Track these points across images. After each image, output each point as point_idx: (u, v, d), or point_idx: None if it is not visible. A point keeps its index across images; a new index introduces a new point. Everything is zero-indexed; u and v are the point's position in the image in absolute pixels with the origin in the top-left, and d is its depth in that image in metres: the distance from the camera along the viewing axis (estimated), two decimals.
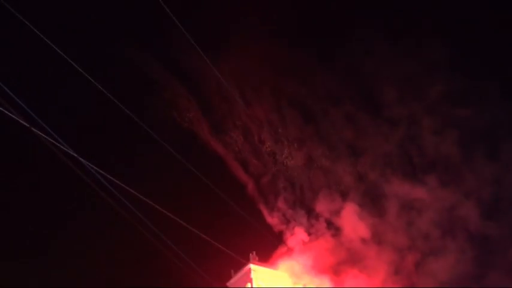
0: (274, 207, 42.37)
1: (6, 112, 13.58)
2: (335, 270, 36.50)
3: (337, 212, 38.78)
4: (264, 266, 38.09)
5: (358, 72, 46.21)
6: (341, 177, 40.78)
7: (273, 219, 41.64)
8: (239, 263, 38.26)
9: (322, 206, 40.92)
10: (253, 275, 36.84)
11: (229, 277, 39.07)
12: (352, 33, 47.40)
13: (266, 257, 39.91)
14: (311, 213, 41.93)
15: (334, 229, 39.08)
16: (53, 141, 15.79)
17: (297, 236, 39.89)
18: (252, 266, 37.19)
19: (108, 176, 19.06)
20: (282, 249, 41.22)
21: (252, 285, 36.32)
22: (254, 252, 38.89)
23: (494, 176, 34.80)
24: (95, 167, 18.23)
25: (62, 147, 16.15)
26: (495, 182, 34.52)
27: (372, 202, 38.79)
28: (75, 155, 16.54)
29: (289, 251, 41.33)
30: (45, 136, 15.44)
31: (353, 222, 37.30)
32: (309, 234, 40.16)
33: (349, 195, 38.85)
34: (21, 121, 14.10)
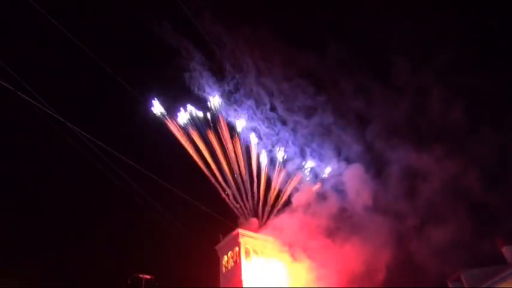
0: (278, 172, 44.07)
1: None
2: (328, 235, 37.51)
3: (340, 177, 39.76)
4: (252, 231, 39.53)
5: (369, 42, 46.85)
6: (348, 144, 41.93)
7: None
8: (228, 228, 39.90)
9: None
10: (241, 239, 38.31)
11: (218, 241, 40.82)
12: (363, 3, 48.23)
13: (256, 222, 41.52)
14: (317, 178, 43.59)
15: (331, 195, 40.38)
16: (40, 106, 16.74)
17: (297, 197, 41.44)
18: (240, 230, 38.70)
19: (100, 143, 20.06)
20: (271, 215, 43.00)
21: (239, 248, 37.76)
22: (242, 218, 40.52)
23: (499, 145, 34.53)
24: (86, 134, 19.30)
25: (49, 111, 17.10)
26: (500, 150, 34.16)
27: (377, 169, 39.80)
28: (59, 118, 17.49)
29: (279, 216, 42.92)
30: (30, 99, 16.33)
31: (355, 186, 38.06)
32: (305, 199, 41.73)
33: (354, 160, 39.68)
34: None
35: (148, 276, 30.56)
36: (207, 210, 31.93)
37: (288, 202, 43.32)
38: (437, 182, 35.02)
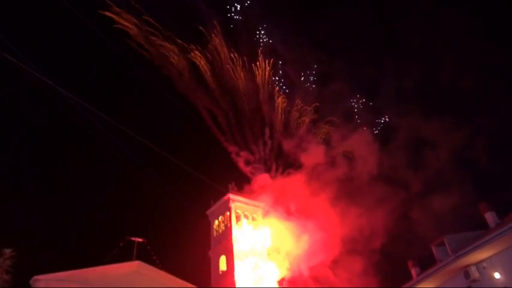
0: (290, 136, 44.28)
1: None
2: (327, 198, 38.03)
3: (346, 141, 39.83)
4: (243, 196, 40.06)
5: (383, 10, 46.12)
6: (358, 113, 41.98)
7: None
8: (219, 193, 40.35)
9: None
10: (231, 204, 38.85)
11: (209, 206, 41.37)
12: None
13: (246, 188, 42.05)
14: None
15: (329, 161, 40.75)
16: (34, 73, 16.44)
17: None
18: (230, 195, 39.17)
19: (94, 109, 19.84)
20: (261, 181, 43.45)
21: (230, 213, 38.35)
22: (233, 183, 40.92)
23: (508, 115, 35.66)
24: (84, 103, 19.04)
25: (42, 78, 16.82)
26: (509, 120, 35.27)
27: (384, 137, 40.02)
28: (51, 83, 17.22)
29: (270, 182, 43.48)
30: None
31: (362, 151, 38.21)
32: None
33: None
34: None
35: (140, 239, 31.10)
36: (198, 175, 32.16)
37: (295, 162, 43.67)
38: (442, 151, 35.22)
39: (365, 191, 37.33)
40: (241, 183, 41.69)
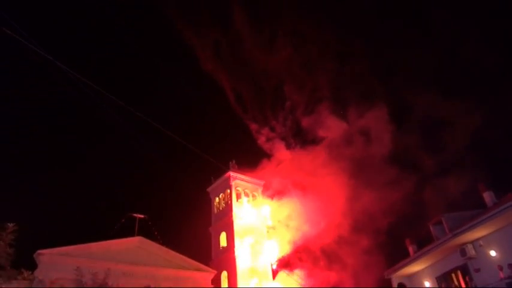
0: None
1: None
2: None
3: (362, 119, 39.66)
4: (243, 174, 40.31)
5: None
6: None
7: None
8: (220, 171, 40.60)
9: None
10: (232, 182, 39.14)
11: (210, 183, 41.72)
12: None
13: (246, 166, 42.21)
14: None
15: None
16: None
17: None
18: (231, 173, 39.43)
19: (98, 88, 19.74)
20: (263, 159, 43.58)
21: (231, 191, 38.68)
22: (234, 161, 41.12)
23: None
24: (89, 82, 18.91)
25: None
26: None
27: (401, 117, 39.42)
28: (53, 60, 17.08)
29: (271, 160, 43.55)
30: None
31: (377, 129, 37.92)
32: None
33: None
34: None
35: (141, 216, 31.53)
36: (199, 153, 32.22)
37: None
38: (457, 132, 34.79)
39: (375, 169, 37.13)
40: (255, 160, 41.88)
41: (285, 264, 36.80)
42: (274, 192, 39.95)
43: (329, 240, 35.98)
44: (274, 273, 36.65)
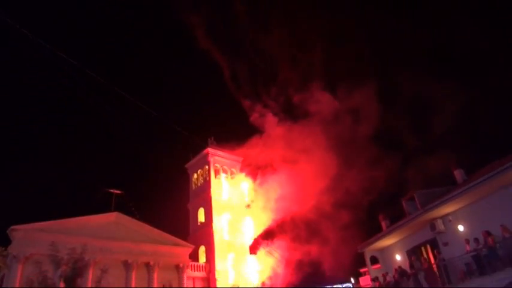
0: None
1: None
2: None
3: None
4: (222, 151, 40.31)
5: None
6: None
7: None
8: (198, 147, 40.48)
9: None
10: (210, 158, 39.14)
11: (188, 160, 41.60)
12: None
13: (226, 142, 42.13)
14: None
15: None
16: None
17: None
18: (210, 149, 39.38)
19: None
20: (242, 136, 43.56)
21: (209, 167, 38.70)
22: (212, 138, 41.01)
23: None
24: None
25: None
26: None
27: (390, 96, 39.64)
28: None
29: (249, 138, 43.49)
30: None
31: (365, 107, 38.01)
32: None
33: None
34: None
35: (118, 192, 31.35)
36: (177, 128, 32.04)
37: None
38: (445, 113, 35.25)
39: (358, 147, 37.51)
40: (234, 137, 41.79)
41: (263, 239, 37.43)
42: (254, 169, 40.19)
43: (308, 216, 36.55)
44: (252, 249, 37.29)
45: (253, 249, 37.28)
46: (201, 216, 37.69)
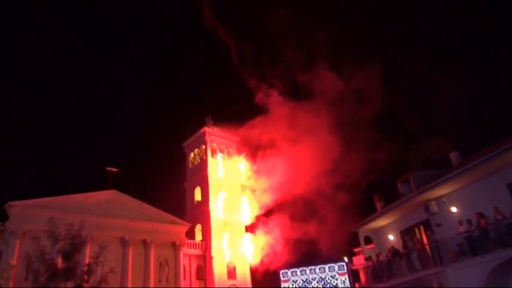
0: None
1: None
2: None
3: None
4: (219, 130, 40.30)
5: None
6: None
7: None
8: (196, 126, 40.45)
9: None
10: (207, 138, 39.14)
11: (186, 138, 41.60)
12: None
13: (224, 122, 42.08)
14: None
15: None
16: None
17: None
18: (207, 129, 39.36)
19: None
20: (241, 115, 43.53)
21: (206, 146, 38.75)
22: (209, 117, 40.94)
23: None
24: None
25: None
26: None
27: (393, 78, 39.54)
28: None
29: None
30: None
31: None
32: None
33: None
34: None
35: (115, 169, 31.42)
36: (175, 106, 31.87)
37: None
38: (446, 95, 34.98)
39: (359, 128, 37.45)
40: (234, 116, 41.74)
41: (260, 218, 37.78)
42: (253, 149, 40.26)
43: (306, 196, 36.76)
44: (248, 227, 37.70)
45: (249, 228, 37.73)
46: (198, 195, 37.96)
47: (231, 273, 34.49)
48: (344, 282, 24.09)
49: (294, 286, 24.61)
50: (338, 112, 37.93)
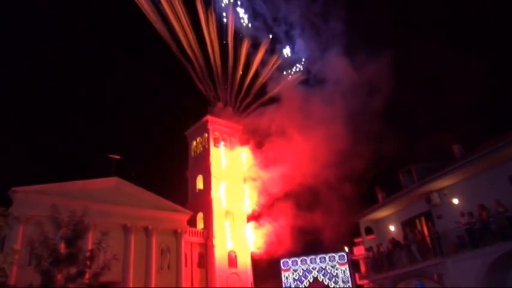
0: None
1: None
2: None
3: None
4: (221, 119, 40.26)
5: None
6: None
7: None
8: (198, 115, 40.40)
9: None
10: (210, 126, 39.12)
11: (188, 127, 41.60)
12: None
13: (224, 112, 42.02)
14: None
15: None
16: None
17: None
18: (209, 117, 39.31)
19: None
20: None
21: (209, 135, 38.75)
22: (213, 105, 40.87)
23: None
24: None
25: None
26: None
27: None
28: None
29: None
30: None
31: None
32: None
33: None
34: None
35: (117, 157, 31.53)
36: (175, 96, 31.88)
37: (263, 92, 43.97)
38: (457, 86, 34.65)
39: (367, 119, 37.28)
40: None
41: (262, 208, 37.93)
42: (257, 137, 40.32)
43: (309, 186, 36.80)
44: (249, 217, 37.88)
45: (251, 217, 37.91)
46: (200, 184, 38.08)
47: (232, 261, 34.77)
48: (344, 272, 24.30)
49: (294, 275, 24.82)
50: (346, 102, 37.87)
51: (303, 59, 46.05)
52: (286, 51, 45.68)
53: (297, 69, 46.01)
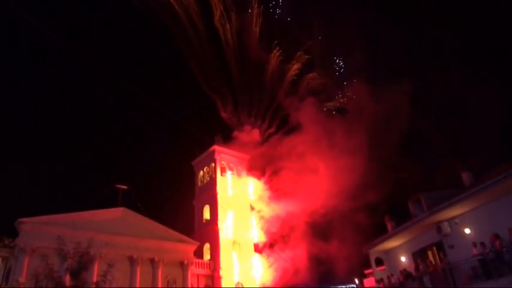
0: None
1: None
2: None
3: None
4: (228, 148, 40.36)
5: None
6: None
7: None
8: (205, 145, 40.59)
9: None
10: (217, 156, 39.18)
11: (195, 157, 41.69)
12: None
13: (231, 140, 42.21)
14: None
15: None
16: None
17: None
18: (216, 147, 39.43)
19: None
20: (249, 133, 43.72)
21: (215, 164, 38.76)
22: (219, 135, 41.11)
23: None
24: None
25: None
26: None
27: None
28: None
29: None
30: None
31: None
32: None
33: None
34: None
35: (124, 187, 31.53)
36: (185, 125, 32.12)
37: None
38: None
39: (382, 147, 37.22)
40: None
41: (270, 238, 37.37)
42: (263, 167, 40.17)
43: (317, 216, 36.30)
44: (257, 247, 37.29)
45: (259, 248, 37.30)
46: (207, 214, 37.77)
47: None
48: None
49: None
50: (365, 132, 37.98)
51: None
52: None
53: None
